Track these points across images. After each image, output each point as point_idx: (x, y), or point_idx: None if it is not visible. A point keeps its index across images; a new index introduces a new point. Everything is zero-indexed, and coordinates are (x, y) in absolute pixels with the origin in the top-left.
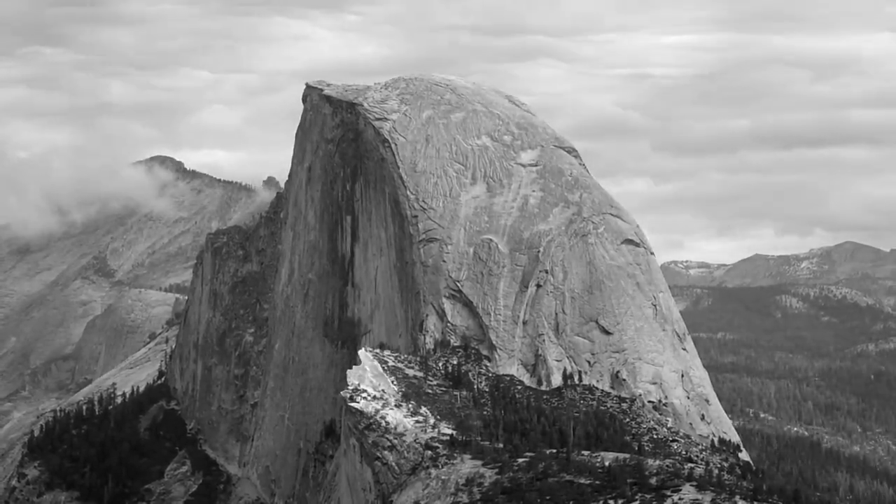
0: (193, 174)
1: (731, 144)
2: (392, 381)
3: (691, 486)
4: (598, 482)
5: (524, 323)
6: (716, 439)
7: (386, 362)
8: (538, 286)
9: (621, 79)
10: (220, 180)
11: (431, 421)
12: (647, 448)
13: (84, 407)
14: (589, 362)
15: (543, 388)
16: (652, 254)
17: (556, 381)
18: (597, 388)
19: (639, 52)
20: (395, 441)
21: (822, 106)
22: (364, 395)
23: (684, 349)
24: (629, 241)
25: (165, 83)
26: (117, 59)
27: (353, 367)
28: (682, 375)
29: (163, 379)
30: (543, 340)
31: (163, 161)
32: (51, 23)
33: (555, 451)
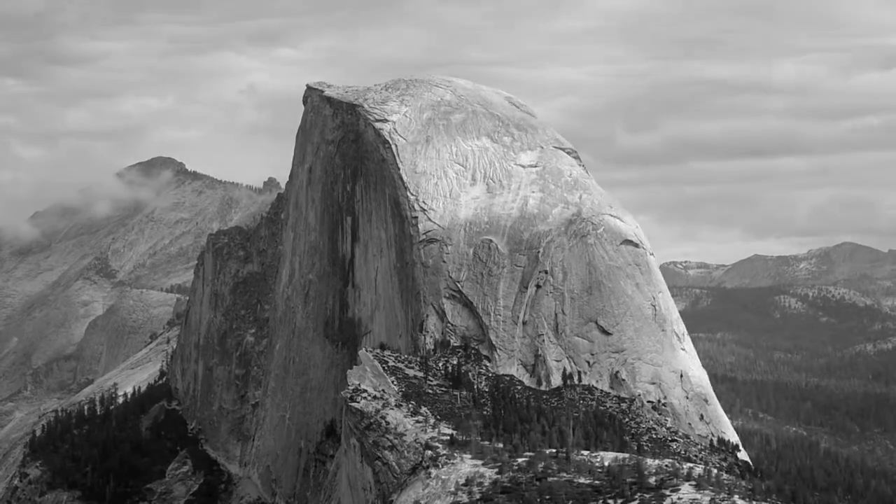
0: (195, 175)
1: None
2: (392, 382)
3: (690, 485)
4: (597, 482)
5: (524, 323)
6: (715, 439)
7: (386, 362)
8: (538, 287)
9: (557, 101)
10: (220, 181)
11: (431, 421)
12: (646, 448)
13: (85, 407)
14: (588, 362)
15: (543, 388)
16: (651, 254)
17: (556, 381)
18: (596, 388)
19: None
20: (396, 441)
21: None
22: (364, 395)
23: (683, 349)
24: (628, 242)
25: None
26: (71, 90)
27: (354, 367)
28: (681, 375)
29: (164, 379)
30: (543, 341)
31: (164, 162)
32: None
33: (554, 450)
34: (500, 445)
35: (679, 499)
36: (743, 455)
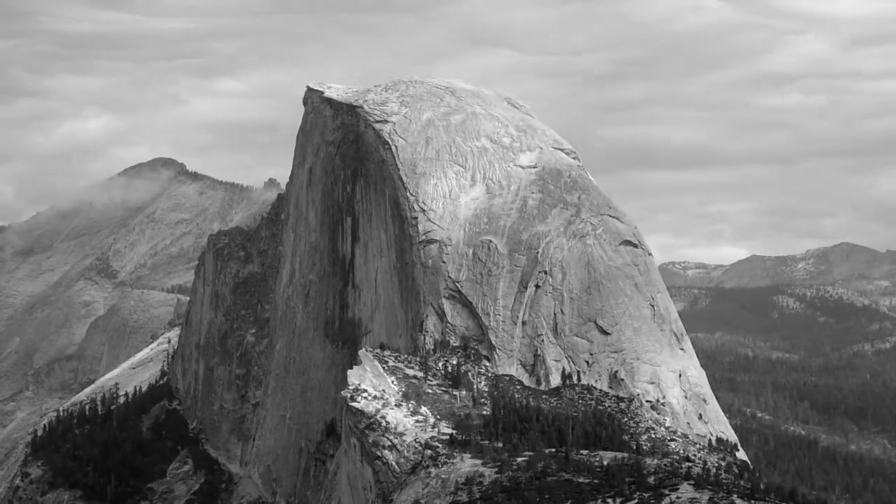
0: (195, 176)
1: None
2: (392, 381)
3: (689, 484)
4: (596, 481)
5: (523, 323)
6: (713, 438)
7: (386, 362)
8: (537, 287)
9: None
10: (221, 182)
11: (431, 420)
12: (645, 447)
13: (87, 407)
14: (587, 362)
15: (542, 387)
16: (650, 255)
17: (555, 380)
18: (595, 388)
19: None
20: (396, 440)
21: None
22: (364, 394)
23: (682, 349)
24: (627, 243)
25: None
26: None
27: (354, 367)
28: (680, 375)
29: (165, 379)
30: (542, 340)
31: (165, 163)
32: None
33: (554, 450)
34: (500, 445)
35: (678, 498)
36: (741, 454)
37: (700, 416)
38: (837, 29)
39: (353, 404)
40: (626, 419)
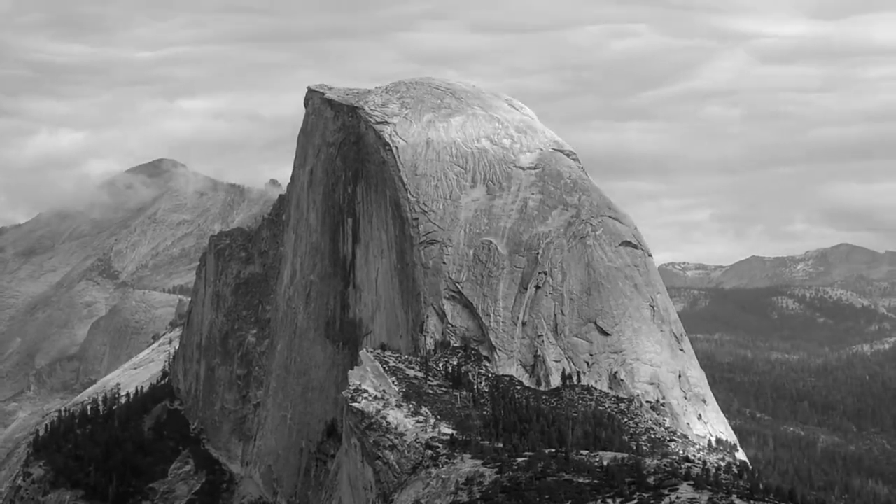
0: (196, 177)
1: None
2: (393, 382)
3: (688, 485)
4: (596, 481)
5: (523, 324)
6: (713, 439)
7: (387, 363)
8: (537, 288)
9: None
10: (222, 183)
11: (432, 421)
12: (644, 447)
13: (88, 407)
14: (587, 363)
15: (542, 388)
16: (650, 255)
17: (555, 381)
18: (595, 389)
19: None
20: (396, 441)
21: None
22: (365, 395)
23: (682, 350)
24: (627, 243)
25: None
26: None
27: (355, 367)
28: (680, 376)
29: (166, 379)
30: (542, 341)
31: (166, 164)
32: None
33: (554, 450)
34: (500, 445)
35: (677, 498)
36: (741, 455)
37: (699, 417)
38: (763, 45)
39: (354, 405)
40: (625, 420)
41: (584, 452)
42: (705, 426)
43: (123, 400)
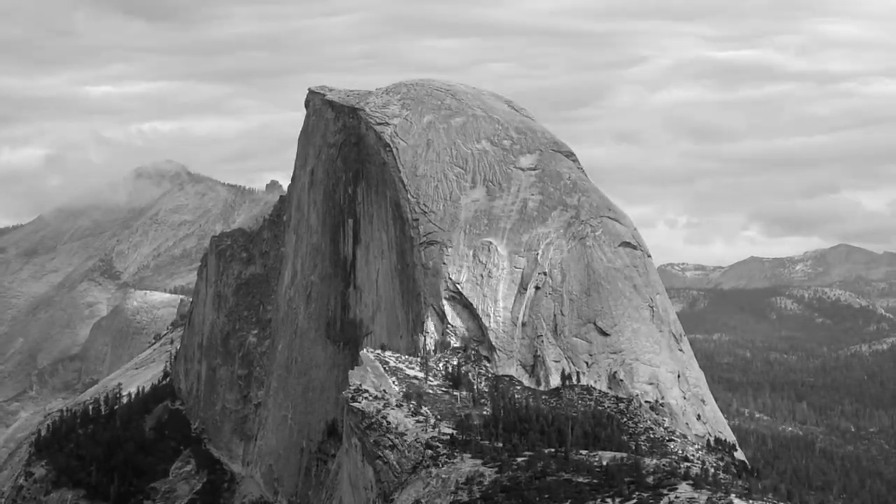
0: (198, 177)
1: None
2: (393, 382)
3: (687, 484)
4: (595, 481)
5: (523, 324)
6: (712, 439)
7: (387, 363)
8: (537, 288)
9: None
10: (223, 183)
11: (432, 421)
12: (644, 447)
13: (90, 407)
14: (587, 363)
15: (542, 388)
16: (649, 256)
17: (555, 381)
18: (594, 389)
19: None
20: (397, 440)
21: None
22: (365, 395)
23: (681, 350)
24: (626, 244)
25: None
26: None
27: (355, 367)
28: (679, 376)
29: (168, 379)
30: (542, 341)
31: (167, 165)
32: None
33: (553, 450)
34: (500, 445)
35: (676, 497)
36: (740, 454)
37: (698, 417)
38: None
39: (355, 404)
40: (625, 419)
41: (584, 452)
42: (704, 426)
43: (125, 400)
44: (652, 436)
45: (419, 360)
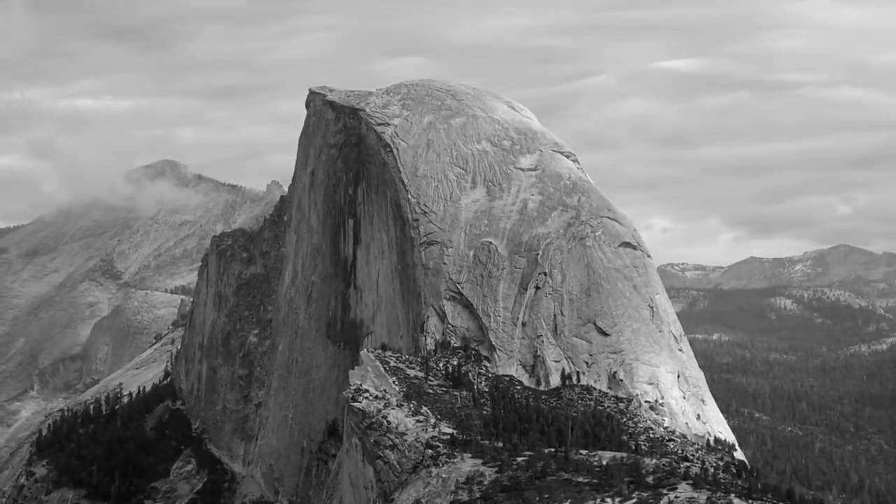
0: (199, 178)
1: None
2: (393, 382)
3: (687, 484)
4: (595, 480)
5: (523, 324)
6: (711, 439)
7: (387, 363)
8: (537, 288)
9: None
10: (224, 184)
11: (432, 420)
12: (643, 447)
13: (91, 406)
14: (587, 363)
15: (542, 388)
16: (649, 256)
17: (555, 381)
18: (594, 389)
19: None
20: (397, 440)
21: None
22: (366, 395)
23: (680, 350)
24: (626, 244)
25: None
26: None
27: (356, 367)
28: (679, 376)
29: (168, 379)
30: (542, 341)
31: (168, 165)
32: None
33: (553, 450)
34: (500, 445)
35: (676, 497)
36: (739, 454)
37: (698, 417)
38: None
39: (355, 404)
40: (624, 419)
41: (584, 452)
42: (704, 426)
43: (126, 400)
44: (652, 435)
45: (419, 359)
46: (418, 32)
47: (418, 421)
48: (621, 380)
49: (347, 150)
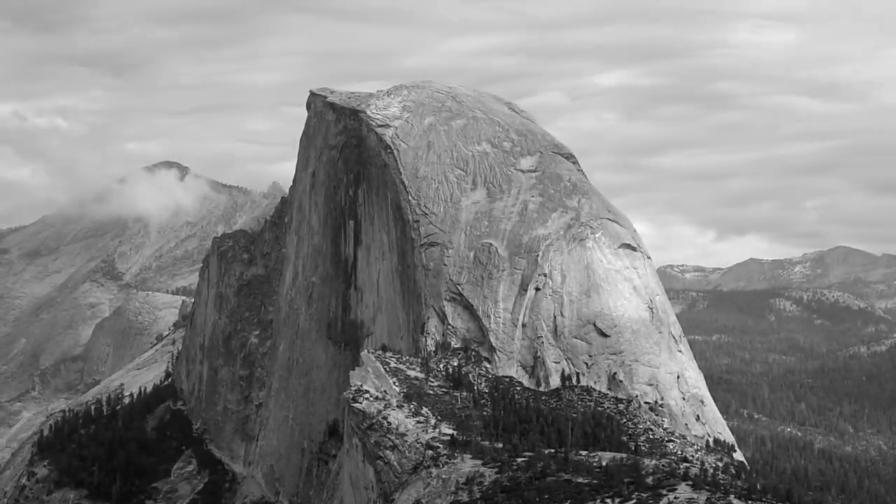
0: (199, 179)
1: None
2: (394, 382)
3: (687, 485)
4: (595, 481)
5: (523, 325)
6: (711, 439)
7: (388, 364)
8: (537, 289)
9: None
10: (225, 185)
11: (432, 421)
12: (643, 448)
13: (92, 407)
14: (587, 364)
15: (542, 389)
16: (648, 258)
17: (555, 382)
18: (594, 390)
19: None
20: (397, 441)
21: None
22: (366, 395)
23: (680, 351)
24: (626, 246)
25: None
26: None
27: (356, 368)
28: (678, 377)
29: (169, 380)
30: (542, 342)
31: (170, 166)
32: None
33: (553, 450)
34: (500, 445)
35: (676, 498)
36: (738, 455)
37: (698, 418)
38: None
39: (356, 405)
40: (624, 420)
41: (584, 453)
42: (703, 427)
43: (127, 400)
44: (651, 436)
45: (420, 360)
46: (372, 57)
47: (419, 422)
48: (621, 381)
49: (348, 151)
